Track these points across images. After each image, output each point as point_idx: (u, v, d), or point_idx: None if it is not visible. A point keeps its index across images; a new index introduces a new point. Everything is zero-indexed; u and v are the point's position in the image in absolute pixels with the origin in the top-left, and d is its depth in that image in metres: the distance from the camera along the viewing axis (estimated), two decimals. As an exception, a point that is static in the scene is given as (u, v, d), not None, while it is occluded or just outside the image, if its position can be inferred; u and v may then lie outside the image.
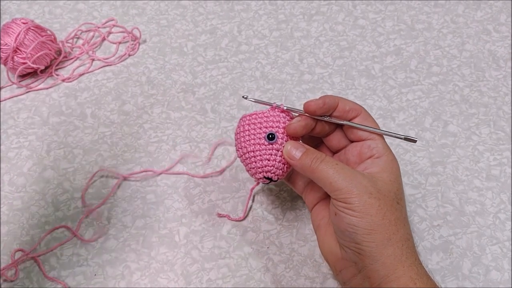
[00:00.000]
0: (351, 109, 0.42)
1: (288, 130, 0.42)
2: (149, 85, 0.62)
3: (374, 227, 0.37)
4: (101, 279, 0.47)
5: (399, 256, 0.37)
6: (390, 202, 0.38)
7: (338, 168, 0.39)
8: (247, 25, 0.68)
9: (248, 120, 0.43)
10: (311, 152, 0.40)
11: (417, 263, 0.37)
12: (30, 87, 0.62)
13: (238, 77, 0.62)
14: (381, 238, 0.37)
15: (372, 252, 0.37)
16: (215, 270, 0.47)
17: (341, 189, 0.38)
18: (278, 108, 0.43)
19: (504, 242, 0.48)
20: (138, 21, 0.69)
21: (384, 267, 0.36)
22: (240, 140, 0.43)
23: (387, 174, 0.40)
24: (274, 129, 0.42)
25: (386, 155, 0.41)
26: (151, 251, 0.48)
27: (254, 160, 0.42)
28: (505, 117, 0.58)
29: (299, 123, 0.41)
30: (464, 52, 0.64)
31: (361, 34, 0.67)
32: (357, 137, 0.42)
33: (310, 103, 0.41)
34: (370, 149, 0.41)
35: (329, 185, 0.38)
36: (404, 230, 0.38)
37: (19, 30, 0.58)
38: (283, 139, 0.42)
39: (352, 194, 0.37)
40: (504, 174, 0.53)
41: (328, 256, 0.42)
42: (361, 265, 0.38)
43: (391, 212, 0.38)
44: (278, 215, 0.51)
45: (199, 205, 0.52)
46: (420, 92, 0.60)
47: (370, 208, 0.37)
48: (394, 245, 0.37)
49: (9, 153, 0.56)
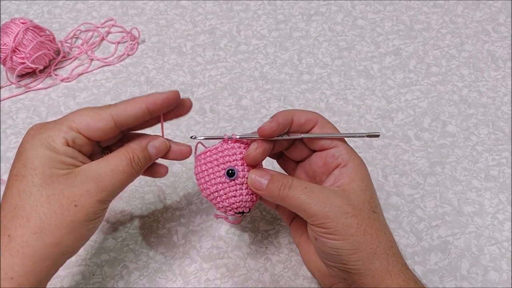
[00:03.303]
0: (307, 120, 0.40)
1: (247, 161, 0.40)
2: (148, 85, 0.62)
3: (357, 246, 0.36)
4: (100, 279, 0.47)
5: (386, 266, 0.36)
6: (367, 214, 0.37)
7: (308, 191, 0.37)
8: (246, 25, 0.68)
9: (203, 160, 0.41)
10: (277, 179, 0.38)
11: (404, 269, 0.37)
12: (29, 87, 0.62)
13: (237, 77, 0.62)
14: (366, 254, 0.36)
15: (359, 270, 0.36)
16: (213, 270, 0.47)
17: (316, 214, 0.36)
18: (230, 139, 0.40)
19: (503, 243, 0.48)
20: (137, 21, 0.69)
21: (373, 280, 0.36)
22: (201, 181, 0.41)
23: (357, 183, 0.38)
24: (232, 163, 0.40)
25: (352, 161, 0.39)
26: (150, 251, 0.48)
27: (220, 200, 0.40)
28: (504, 118, 0.58)
29: (257, 151, 0.39)
30: (463, 53, 0.64)
31: (360, 34, 0.67)
32: (319, 146, 0.40)
33: (264, 128, 0.38)
34: (335, 158, 0.39)
35: (303, 212, 0.37)
36: (386, 238, 0.37)
37: (18, 30, 0.58)
38: (244, 170, 0.40)
39: (329, 218, 0.36)
40: (502, 175, 0.53)
41: (315, 273, 0.41)
42: (350, 281, 0.38)
43: (370, 225, 0.37)
44: (277, 215, 0.51)
45: (197, 205, 0.52)
46: (418, 92, 0.60)
47: (349, 228, 0.36)
48: (380, 257, 0.36)
49: (8, 153, 0.56)
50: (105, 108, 0.37)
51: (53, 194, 0.34)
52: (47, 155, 0.35)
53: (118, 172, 0.37)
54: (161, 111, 0.39)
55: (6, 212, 0.34)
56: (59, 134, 0.36)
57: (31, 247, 0.34)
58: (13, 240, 0.34)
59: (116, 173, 0.36)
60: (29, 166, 0.35)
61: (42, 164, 0.35)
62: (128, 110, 0.37)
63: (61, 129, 0.36)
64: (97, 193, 0.35)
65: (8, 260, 0.33)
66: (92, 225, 0.36)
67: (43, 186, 0.34)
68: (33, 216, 0.34)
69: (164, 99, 0.38)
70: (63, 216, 0.34)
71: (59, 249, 0.35)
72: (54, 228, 0.34)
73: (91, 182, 0.35)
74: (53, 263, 0.35)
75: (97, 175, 0.36)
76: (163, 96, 0.38)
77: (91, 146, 0.38)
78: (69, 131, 0.36)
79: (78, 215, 0.35)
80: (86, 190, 0.35)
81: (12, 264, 0.33)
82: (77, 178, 0.35)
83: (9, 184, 0.35)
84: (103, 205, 0.36)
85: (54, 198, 0.34)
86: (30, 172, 0.34)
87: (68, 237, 0.35)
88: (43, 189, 0.34)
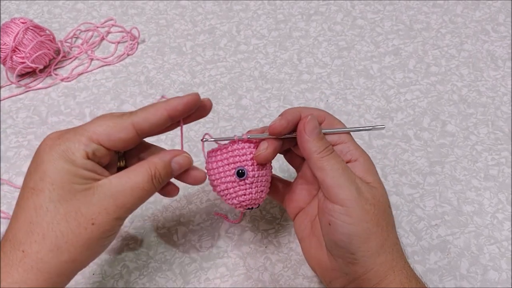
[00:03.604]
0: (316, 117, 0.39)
1: (257, 160, 0.40)
2: (147, 84, 0.62)
3: (369, 234, 0.36)
4: (99, 278, 0.47)
5: (390, 262, 0.36)
6: (382, 207, 0.37)
7: (343, 166, 0.37)
8: (246, 25, 0.68)
9: (214, 158, 0.41)
10: (326, 141, 0.38)
11: (406, 266, 0.37)
12: (29, 87, 0.62)
13: (236, 77, 0.62)
14: (376, 246, 0.36)
15: (366, 262, 0.36)
16: (213, 270, 0.47)
17: (342, 187, 0.36)
18: (240, 140, 0.40)
19: (502, 242, 0.48)
20: (137, 21, 0.69)
21: (376, 275, 0.36)
22: (211, 178, 0.41)
23: (373, 177, 0.38)
24: (242, 163, 0.40)
25: (362, 156, 0.39)
26: (150, 251, 0.48)
27: (230, 197, 0.41)
28: (503, 117, 0.58)
29: (267, 150, 0.39)
30: (462, 52, 0.64)
31: (359, 34, 0.67)
32: None
33: (274, 126, 0.38)
34: (343, 154, 0.39)
35: (331, 180, 0.36)
36: (393, 234, 0.38)
37: (18, 30, 0.58)
38: (254, 170, 0.40)
39: (351, 197, 0.36)
40: (502, 174, 0.53)
41: (316, 267, 0.41)
42: (353, 276, 0.37)
43: (382, 218, 0.37)
44: (276, 214, 0.51)
45: (197, 204, 0.52)
46: (418, 92, 0.60)
47: (366, 214, 0.36)
48: (386, 252, 0.36)
49: (8, 153, 0.56)
50: (125, 116, 0.36)
51: (70, 211, 0.33)
52: (66, 169, 0.34)
53: (138, 190, 0.35)
54: (182, 115, 0.38)
55: (21, 225, 0.34)
56: (79, 147, 0.34)
57: (47, 263, 0.33)
58: (28, 256, 0.33)
59: (136, 191, 0.35)
60: (47, 180, 0.33)
61: (60, 179, 0.33)
62: (150, 119, 0.36)
63: (81, 141, 0.35)
64: (115, 211, 0.35)
65: (21, 275, 0.33)
66: (108, 241, 0.36)
67: (60, 202, 0.33)
68: (49, 233, 0.33)
69: (185, 104, 0.37)
70: (80, 235, 0.33)
71: (74, 265, 0.34)
72: (71, 246, 0.33)
73: (110, 199, 0.34)
74: (67, 278, 0.35)
75: (116, 192, 0.35)
76: (183, 101, 0.37)
77: (109, 157, 0.37)
78: (90, 143, 0.35)
79: (95, 233, 0.34)
80: (104, 208, 0.34)
81: (26, 279, 0.33)
82: (95, 195, 0.34)
83: (25, 196, 0.34)
84: (119, 221, 0.36)
85: (71, 216, 0.33)
86: (48, 187, 0.33)
87: (84, 254, 0.34)
88: (60, 206, 0.33)
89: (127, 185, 0.35)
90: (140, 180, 0.36)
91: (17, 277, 0.33)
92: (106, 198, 0.34)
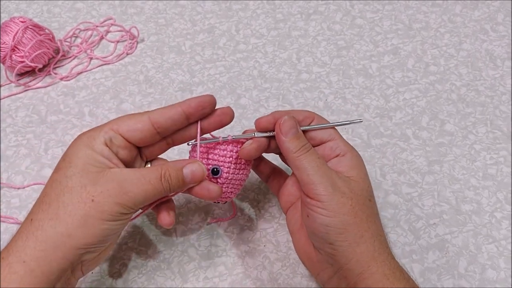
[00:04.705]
0: (305, 118, 0.41)
1: (241, 155, 0.41)
2: (147, 84, 0.62)
3: (346, 226, 0.37)
4: (98, 277, 0.47)
5: (372, 252, 0.37)
6: (362, 200, 0.38)
7: (320, 163, 0.39)
8: (245, 24, 0.68)
9: (196, 153, 0.42)
10: (303, 139, 0.40)
11: (390, 258, 0.38)
12: (28, 86, 0.62)
13: (235, 76, 0.62)
14: (353, 236, 0.37)
15: (345, 252, 0.37)
16: (211, 268, 0.47)
17: (315, 184, 0.38)
18: (225, 142, 0.42)
19: (500, 241, 0.48)
20: (136, 20, 0.69)
21: (358, 265, 0.37)
22: None
23: (356, 171, 0.40)
24: (219, 163, 0.42)
25: (350, 152, 0.41)
26: (148, 249, 0.49)
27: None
28: (502, 116, 0.58)
29: (251, 146, 0.41)
30: (461, 52, 0.64)
31: (358, 34, 0.67)
32: (318, 141, 0.41)
33: (260, 119, 0.41)
34: (333, 150, 0.41)
35: (306, 177, 0.38)
36: (375, 226, 0.38)
37: (17, 29, 0.58)
38: (229, 172, 0.42)
39: (326, 191, 0.37)
40: (500, 173, 0.53)
41: (305, 260, 0.42)
42: (336, 267, 0.38)
43: (362, 210, 0.38)
44: (275, 213, 0.51)
45: (196, 203, 0.52)
46: (417, 91, 0.60)
47: (342, 207, 0.37)
48: (367, 242, 0.37)
49: (7, 151, 0.56)
50: (143, 112, 0.40)
51: (76, 186, 0.36)
52: (85, 153, 0.37)
53: (145, 182, 0.37)
54: (197, 114, 0.40)
55: (38, 198, 0.37)
56: (99, 134, 0.38)
57: (44, 231, 0.35)
58: (32, 224, 0.35)
59: (142, 182, 0.37)
60: (67, 160, 0.37)
61: (78, 160, 0.37)
62: (165, 113, 0.39)
63: (102, 129, 0.38)
64: (117, 195, 0.36)
65: (23, 242, 0.35)
66: (107, 226, 0.36)
67: (71, 178, 0.36)
68: (54, 203, 0.36)
69: (198, 102, 0.40)
70: (79, 209, 0.35)
71: (69, 241, 0.35)
72: (68, 217, 0.35)
73: (115, 183, 0.36)
74: (64, 255, 0.35)
75: (123, 179, 0.37)
76: (197, 100, 0.40)
77: (128, 152, 0.40)
78: (109, 131, 0.38)
79: (92, 211, 0.35)
80: (107, 189, 0.36)
81: (25, 247, 0.35)
82: (103, 177, 0.36)
83: (50, 176, 0.38)
84: (121, 209, 0.37)
85: (76, 190, 0.36)
86: (66, 165, 0.37)
87: (79, 230, 0.35)
88: (70, 180, 0.36)
89: (135, 176, 0.37)
90: (149, 175, 0.38)
91: (20, 244, 0.35)
92: (111, 182, 0.36)
